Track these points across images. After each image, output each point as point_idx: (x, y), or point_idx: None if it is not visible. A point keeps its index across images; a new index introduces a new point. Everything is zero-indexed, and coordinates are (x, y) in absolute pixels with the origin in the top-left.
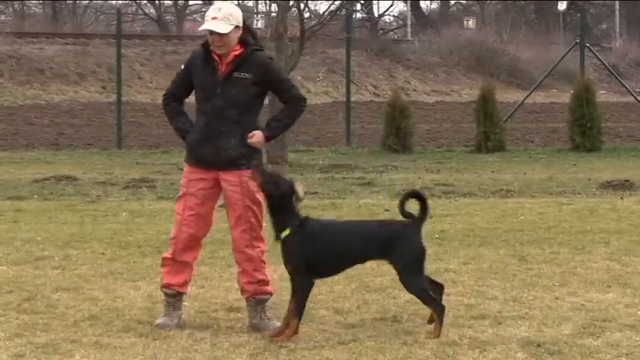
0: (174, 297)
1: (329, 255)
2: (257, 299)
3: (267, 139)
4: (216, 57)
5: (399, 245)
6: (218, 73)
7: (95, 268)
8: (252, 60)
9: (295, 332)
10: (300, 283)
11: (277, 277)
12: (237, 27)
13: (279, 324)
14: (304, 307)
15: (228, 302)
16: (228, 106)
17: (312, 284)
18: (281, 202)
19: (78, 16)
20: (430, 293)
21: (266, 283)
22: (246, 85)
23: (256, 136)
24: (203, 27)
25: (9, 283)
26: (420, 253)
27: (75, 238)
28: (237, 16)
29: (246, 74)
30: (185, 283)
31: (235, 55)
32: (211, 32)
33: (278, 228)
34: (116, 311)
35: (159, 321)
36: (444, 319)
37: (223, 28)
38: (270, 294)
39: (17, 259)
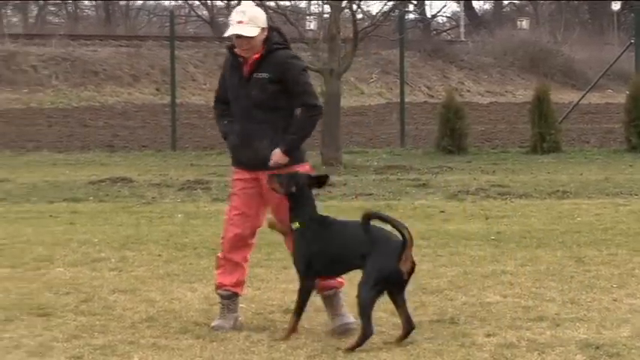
0: (229, 298)
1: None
2: (323, 295)
3: (286, 153)
4: (241, 58)
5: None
6: (242, 75)
7: (151, 269)
8: (270, 59)
9: (293, 330)
10: (301, 283)
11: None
12: (263, 29)
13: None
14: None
15: (284, 304)
16: (253, 107)
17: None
18: (300, 195)
19: (131, 18)
20: (370, 313)
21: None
22: (265, 84)
23: (275, 156)
24: (230, 32)
25: (66, 285)
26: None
27: (131, 240)
28: (262, 18)
29: (264, 74)
30: (238, 284)
31: (256, 56)
32: (238, 36)
33: (292, 218)
34: (173, 313)
35: (215, 323)
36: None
37: (251, 31)
38: (335, 287)
39: (74, 261)
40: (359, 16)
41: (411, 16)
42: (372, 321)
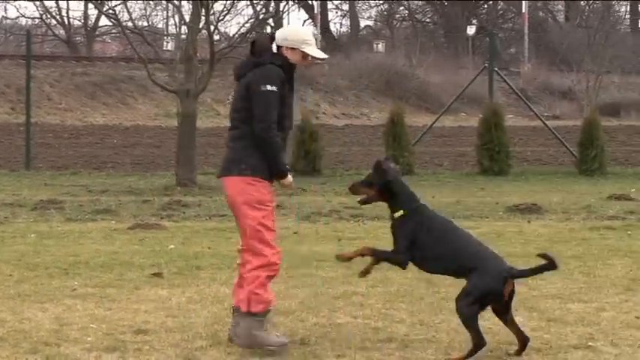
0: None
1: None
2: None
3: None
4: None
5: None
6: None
7: (2, 289)
8: None
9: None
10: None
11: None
12: None
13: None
14: (384, 259)
15: (135, 324)
16: None
17: (404, 263)
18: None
19: None
20: (477, 324)
21: None
22: None
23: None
24: (321, 55)
25: None
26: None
27: None
28: None
29: None
30: None
31: None
32: (318, 59)
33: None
34: (23, 333)
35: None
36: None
37: None
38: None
39: None
40: (216, 37)
41: None
42: (481, 332)
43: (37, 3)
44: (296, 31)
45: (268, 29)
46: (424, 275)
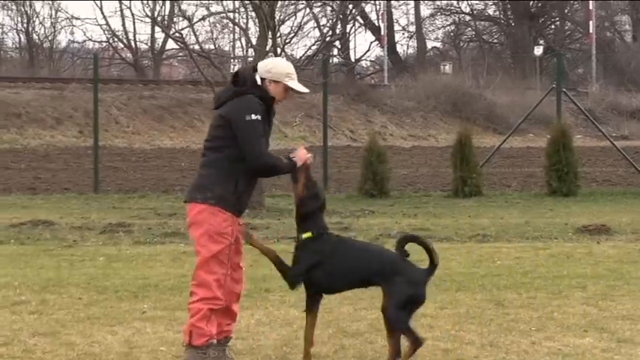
0: None
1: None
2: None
3: None
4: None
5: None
6: (270, 121)
7: (72, 312)
8: None
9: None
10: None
11: None
12: None
13: None
14: (280, 270)
15: None
16: None
17: (294, 284)
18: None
19: (54, 60)
20: (409, 325)
21: None
22: None
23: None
24: (303, 89)
25: None
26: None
27: (52, 283)
28: None
29: None
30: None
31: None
32: (297, 92)
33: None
34: (93, 356)
35: None
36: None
37: None
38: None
39: None
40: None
41: (335, 60)
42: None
43: (104, 26)
44: (279, 64)
45: (335, 51)
46: (493, 297)
